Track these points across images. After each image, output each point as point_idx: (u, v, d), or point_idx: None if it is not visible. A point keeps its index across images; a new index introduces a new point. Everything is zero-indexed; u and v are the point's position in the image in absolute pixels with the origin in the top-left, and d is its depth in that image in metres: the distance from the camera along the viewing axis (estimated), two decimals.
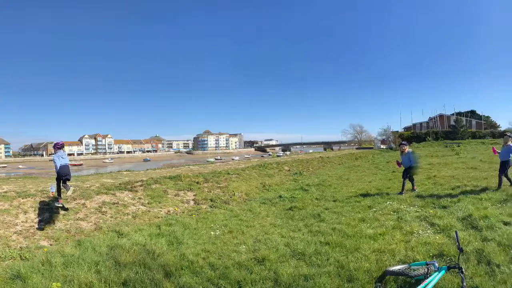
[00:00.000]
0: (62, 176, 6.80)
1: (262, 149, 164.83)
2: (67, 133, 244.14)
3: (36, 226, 6.53)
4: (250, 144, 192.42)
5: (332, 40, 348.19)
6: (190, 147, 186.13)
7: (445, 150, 30.11)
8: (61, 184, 6.90)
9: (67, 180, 6.93)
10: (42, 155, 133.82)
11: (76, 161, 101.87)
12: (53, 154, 7.09)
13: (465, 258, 4.38)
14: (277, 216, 8.36)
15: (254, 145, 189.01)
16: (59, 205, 6.91)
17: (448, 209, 7.09)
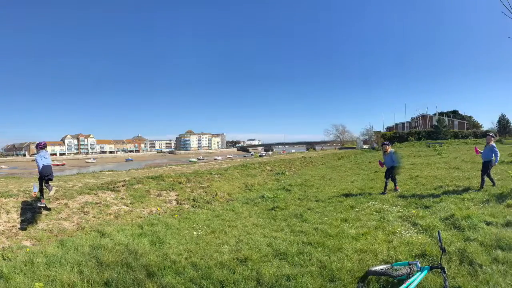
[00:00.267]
0: (45, 176, 6.76)
1: (244, 149, 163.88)
2: (50, 133, 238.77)
3: (19, 226, 6.46)
4: (232, 144, 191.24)
5: (315, 39, 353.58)
6: (172, 147, 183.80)
7: (427, 150, 30.85)
8: (44, 184, 6.87)
9: (50, 180, 6.89)
10: (25, 155, 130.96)
11: (58, 161, 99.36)
12: (36, 154, 7.07)
13: (447, 258, 4.39)
14: (260, 216, 8.32)
15: (237, 145, 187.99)
16: (42, 205, 6.86)
17: (431, 209, 7.15)
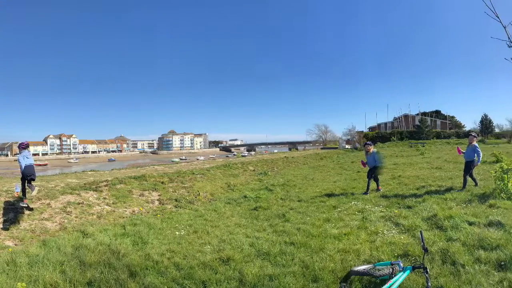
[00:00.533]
0: (27, 176, 6.71)
1: (227, 149, 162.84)
2: (32, 133, 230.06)
3: (1, 226, 6.38)
4: (215, 144, 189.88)
5: (297, 39, 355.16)
6: (155, 147, 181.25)
7: (410, 150, 31.52)
8: (26, 184, 6.84)
9: (32, 180, 6.85)
10: (7, 155, 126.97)
11: (41, 161, 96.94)
12: (18, 154, 7.03)
13: (430, 258, 4.39)
14: (242, 216, 8.28)
15: (219, 145, 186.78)
16: (24, 205, 6.81)
17: (413, 209, 7.20)
